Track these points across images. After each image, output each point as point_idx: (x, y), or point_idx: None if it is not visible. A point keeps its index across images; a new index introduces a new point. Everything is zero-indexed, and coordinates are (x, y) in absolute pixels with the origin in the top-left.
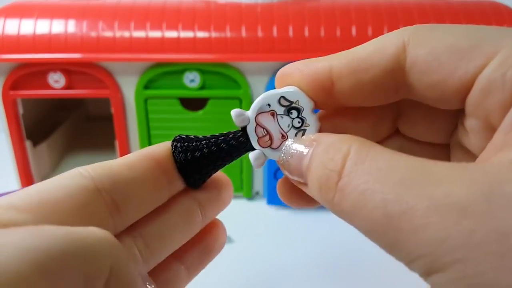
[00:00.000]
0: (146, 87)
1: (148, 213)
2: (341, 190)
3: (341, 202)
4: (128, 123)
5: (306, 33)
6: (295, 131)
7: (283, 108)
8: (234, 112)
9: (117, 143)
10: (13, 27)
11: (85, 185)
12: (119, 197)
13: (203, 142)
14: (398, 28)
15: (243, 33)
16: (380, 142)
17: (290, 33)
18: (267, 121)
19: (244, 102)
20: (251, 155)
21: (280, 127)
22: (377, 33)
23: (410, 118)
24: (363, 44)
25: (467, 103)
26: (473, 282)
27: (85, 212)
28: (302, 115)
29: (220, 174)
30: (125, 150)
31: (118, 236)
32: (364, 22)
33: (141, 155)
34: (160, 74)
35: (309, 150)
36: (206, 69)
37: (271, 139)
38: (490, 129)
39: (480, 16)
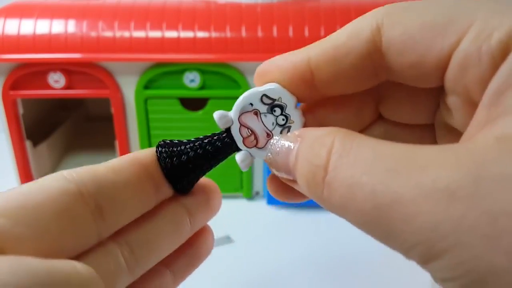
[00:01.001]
0: (146, 87)
1: (135, 220)
2: (328, 185)
3: (330, 197)
4: (128, 123)
5: (306, 33)
6: (280, 129)
7: (266, 106)
8: (216, 114)
9: (117, 143)
10: (13, 27)
11: (67, 189)
12: (104, 202)
13: (187, 146)
14: None
15: (243, 33)
16: (365, 129)
17: (290, 33)
18: (251, 120)
19: None
20: (237, 156)
21: (265, 125)
22: None
23: (391, 101)
24: (338, 30)
25: (446, 80)
26: (470, 266)
27: (67, 216)
28: (286, 112)
29: (207, 180)
30: (125, 150)
31: (103, 242)
32: None
33: (127, 159)
34: (160, 74)
35: (294, 146)
36: (206, 69)
37: (256, 138)
38: (471, 105)
39: None
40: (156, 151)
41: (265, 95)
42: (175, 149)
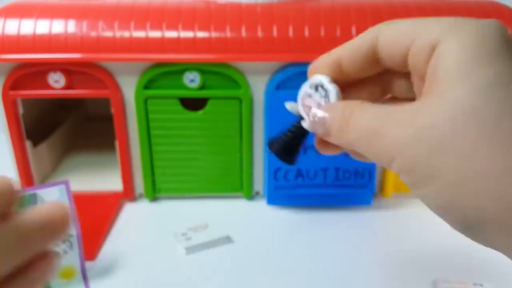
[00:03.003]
0: (146, 87)
1: None
2: (347, 132)
3: (349, 137)
4: (128, 123)
5: (306, 33)
6: (324, 99)
7: (313, 90)
8: (287, 104)
9: (117, 143)
10: (13, 27)
11: None
12: None
13: (281, 134)
14: None
15: (243, 33)
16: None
17: (290, 33)
18: (307, 100)
19: (244, 102)
20: (303, 122)
21: (315, 100)
22: None
23: (391, 85)
24: (355, 37)
25: (409, 65)
26: (414, 162)
27: None
28: (325, 87)
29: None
30: (125, 150)
31: None
32: (363, 22)
33: None
34: (160, 74)
35: (329, 114)
36: (206, 69)
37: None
38: (422, 80)
39: (480, 16)
40: (268, 145)
41: (311, 84)
42: (276, 138)
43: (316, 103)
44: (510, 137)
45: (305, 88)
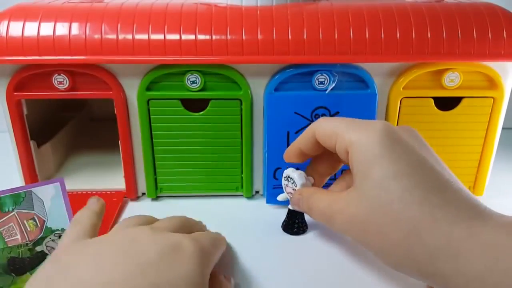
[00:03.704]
0: (148, 88)
1: None
2: (312, 213)
3: (313, 215)
4: (131, 124)
5: (305, 35)
6: (293, 185)
7: (287, 181)
8: (279, 198)
9: (120, 143)
10: (17, 29)
11: None
12: None
13: (285, 219)
14: (395, 30)
15: (243, 35)
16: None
17: (289, 35)
18: (287, 188)
19: (244, 103)
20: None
21: (290, 187)
22: (375, 35)
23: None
24: (305, 131)
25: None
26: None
27: None
28: (291, 177)
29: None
30: (128, 150)
31: None
32: (361, 25)
33: None
34: (162, 76)
35: (299, 198)
36: (207, 71)
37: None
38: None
39: (475, 17)
40: (281, 227)
41: (284, 177)
42: (285, 223)
43: (292, 190)
44: (413, 223)
45: (282, 180)
